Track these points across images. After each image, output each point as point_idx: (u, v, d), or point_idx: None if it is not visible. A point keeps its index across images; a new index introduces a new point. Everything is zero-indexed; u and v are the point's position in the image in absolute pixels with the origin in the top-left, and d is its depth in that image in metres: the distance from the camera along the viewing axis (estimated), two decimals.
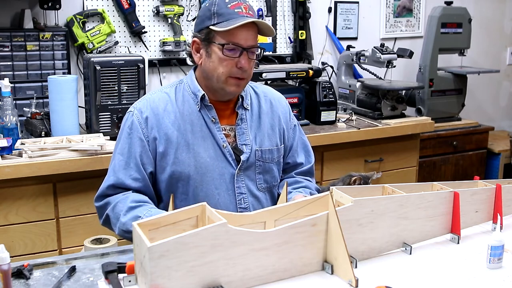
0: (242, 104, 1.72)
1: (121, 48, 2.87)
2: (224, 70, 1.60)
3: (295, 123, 1.87)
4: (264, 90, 1.83)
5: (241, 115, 1.72)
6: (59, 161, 2.14)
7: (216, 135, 1.67)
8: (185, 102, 1.68)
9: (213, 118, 1.67)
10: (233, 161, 1.68)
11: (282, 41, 3.33)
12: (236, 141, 1.70)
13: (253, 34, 1.60)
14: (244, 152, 1.70)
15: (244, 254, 1.12)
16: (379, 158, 2.97)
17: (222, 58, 1.59)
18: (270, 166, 1.75)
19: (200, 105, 1.67)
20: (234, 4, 1.58)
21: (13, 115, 2.29)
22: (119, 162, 1.63)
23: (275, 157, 1.77)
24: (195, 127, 1.66)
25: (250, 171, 1.71)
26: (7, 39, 2.50)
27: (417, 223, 1.38)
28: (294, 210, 1.26)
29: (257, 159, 1.72)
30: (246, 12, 1.58)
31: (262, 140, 1.74)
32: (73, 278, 1.26)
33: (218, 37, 1.59)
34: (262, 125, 1.75)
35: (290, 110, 1.87)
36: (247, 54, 1.59)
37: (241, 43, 1.58)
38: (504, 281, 1.24)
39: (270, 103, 1.80)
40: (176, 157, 1.63)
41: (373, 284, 1.18)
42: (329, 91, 2.92)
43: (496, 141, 3.79)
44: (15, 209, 2.14)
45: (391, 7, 3.70)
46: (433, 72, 3.45)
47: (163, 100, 1.68)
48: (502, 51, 4.29)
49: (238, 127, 1.71)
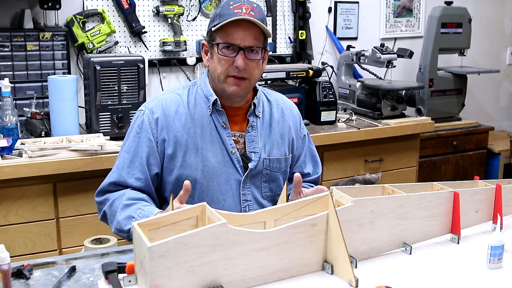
0: (254, 111, 1.71)
1: (121, 48, 2.87)
2: (222, 69, 1.60)
3: (305, 133, 1.86)
4: (276, 98, 1.82)
5: (252, 122, 1.71)
6: (59, 161, 2.14)
7: (225, 140, 1.66)
8: (197, 105, 1.67)
9: (223, 123, 1.66)
10: (240, 168, 1.67)
11: (282, 41, 3.33)
12: (245, 148, 1.69)
13: (252, 34, 1.59)
14: (253, 159, 1.69)
15: (244, 254, 1.12)
16: (379, 158, 2.97)
17: (220, 57, 1.60)
18: (276, 175, 1.74)
19: (212, 110, 1.66)
20: (236, 5, 1.58)
21: (13, 115, 2.30)
22: (124, 160, 1.63)
23: (282, 166, 1.76)
24: (205, 131, 1.65)
25: (256, 179, 1.71)
26: (7, 39, 2.50)
27: (417, 223, 1.38)
28: (294, 210, 1.26)
29: (265, 168, 1.71)
30: (246, 13, 1.57)
31: (271, 148, 1.73)
32: (73, 278, 1.26)
33: (217, 37, 1.60)
34: (272, 133, 1.74)
35: (301, 120, 1.87)
36: (244, 54, 1.58)
37: (236, 42, 1.57)
38: (504, 281, 1.24)
39: (281, 111, 1.79)
40: (184, 160, 1.63)
41: (373, 284, 1.18)
42: (329, 91, 2.92)
43: (496, 141, 3.79)
44: (15, 209, 2.14)
45: (391, 7, 3.70)
46: (433, 72, 3.45)
47: (175, 101, 1.67)
48: (502, 51, 4.29)
49: (248, 134, 1.70)
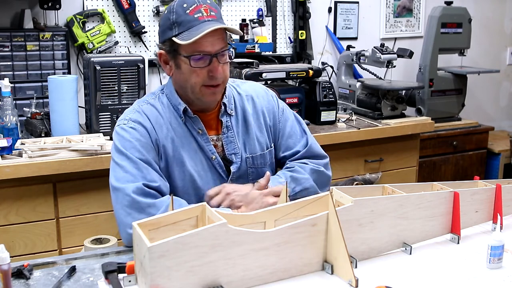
0: (225, 110, 1.63)
1: (121, 48, 2.87)
2: (196, 81, 1.50)
3: (283, 108, 1.76)
4: (246, 89, 1.72)
5: (225, 122, 1.63)
6: (59, 161, 2.14)
7: (204, 147, 1.59)
8: (171, 114, 1.59)
9: (199, 129, 1.59)
10: (223, 173, 1.62)
11: (282, 41, 3.33)
12: (224, 151, 1.63)
13: (219, 36, 1.49)
14: (234, 162, 1.63)
15: (244, 254, 1.12)
16: (379, 158, 2.97)
17: (191, 69, 1.49)
18: (263, 170, 1.67)
19: (185, 118, 1.58)
20: (193, 9, 1.46)
21: (13, 115, 2.29)
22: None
23: (268, 159, 1.70)
24: (184, 140, 1.58)
25: (242, 179, 1.65)
26: (7, 39, 2.50)
27: (417, 223, 1.38)
28: (294, 210, 1.26)
29: (249, 167, 1.66)
30: (207, 15, 1.47)
31: (252, 146, 1.67)
32: (73, 278, 1.26)
33: (182, 49, 1.48)
34: (250, 129, 1.67)
35: (273, 97, 1.76)
36: (217, 60, 1.49)
37: (208, 50, 1.47)
38: (504, 281, 1.24)
39: (252, 101, 1.70)
40: (172, 171, 1.57)
41: (373, 284, 1.18)
42: (329, 91, 2.92)
43: (496, 141, 3.79)
44: (15, 209, 2.14)
45: (391, 7, 3.70)
46: (433, 72, 3.45)
47: (153, 112, 1.57)
48: (502, 51, 4.29)
49: (224, 136, 1.63)
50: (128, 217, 1.42)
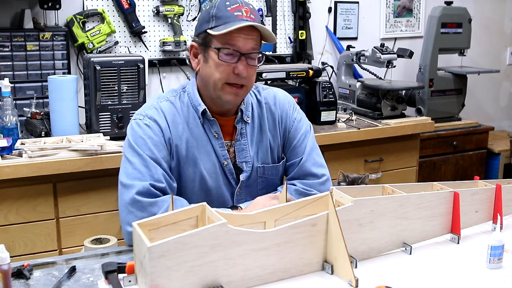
0: (242, 117, 1.62)
1: (121, 48, 2.86)
2: (221, 76, 1.50)
3: (296, 117, 1.71)
4: (265, 96, 1.70)
5: (240, 129, 1.62)
6: (59, 161, 2.14)
7: (218, 151, 1.59)
8: (189, 113, 1.58)
9: (215, 133, 1.59)
10: (233, 180, 1.62)
11: (282, 41, 3.33)
12: (236, 158, 1.62)
13: (253, 38, 1.50)
14: (244, 170, 1.62)
15: (244, 254, 1.12)
16: (379, 158, 2.97)
17: (218, 63, 1.49)
18: (273, 181, 1.67)
19: (203, 120, 1.58)
20: (234, 7, 1.48)
21: (13, 115, 2.29)
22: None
23: (280, 171, 1.69)
24: (200, 142, 1.57)
25: (251, 187, 1.64)
26: (7, 39, 2.50)
27: (417, 223, 1.38)
28: (294, 210, 1.26)
29: (259, 176, 1.65)
30: (246, 16, 1.48)
31: (265, 155, 1.65)
32: (73, 278, 1.26)
33: (214, 41, 1.49)
34: (265, 138, 1.65)
35: (289, 105, 1.72)
36: (245, 60, 1.49)
37: (238, 46, 1.48)
38: (504, 281, 1.24)
39: (270, 110, 1.69)
40: (183, 171, 1.57)
41: (373, 284, 1.18)
42: (329, 91, 2.92)
43: (496, 141, 3.79)
44: (15, 209, 2.14)
45: (391, 7, 3.70)
46: (433, 72, 3.45)
47: (171, 109, 1.58)
48: (502, 51, 4.29)
49: (237, 143, 1.62)
50: (130, 215, 1.44)
